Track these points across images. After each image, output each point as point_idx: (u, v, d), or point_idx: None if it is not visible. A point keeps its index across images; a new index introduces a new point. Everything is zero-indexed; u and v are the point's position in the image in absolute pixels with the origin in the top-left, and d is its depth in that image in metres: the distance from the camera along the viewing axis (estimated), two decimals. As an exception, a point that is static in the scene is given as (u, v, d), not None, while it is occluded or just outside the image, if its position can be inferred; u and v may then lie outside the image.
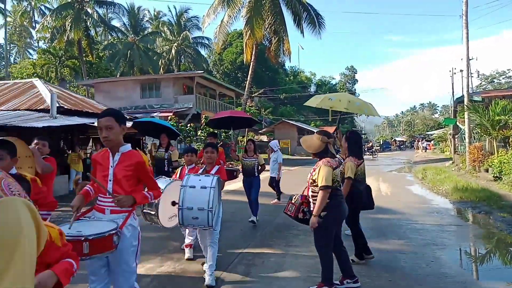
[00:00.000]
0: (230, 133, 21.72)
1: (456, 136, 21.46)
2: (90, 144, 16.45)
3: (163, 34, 49.20)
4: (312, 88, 68.50)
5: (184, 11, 48.53)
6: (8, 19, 54.43)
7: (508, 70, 52.85)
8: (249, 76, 24.87)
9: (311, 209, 3.63)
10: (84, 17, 32.42)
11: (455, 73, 23.74)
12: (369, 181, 14.17)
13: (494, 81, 54.32)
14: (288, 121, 43.61)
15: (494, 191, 9.41)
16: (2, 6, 49.71)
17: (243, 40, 27.22)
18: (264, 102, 56.39)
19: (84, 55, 35.41)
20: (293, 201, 3.95)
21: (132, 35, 45.17)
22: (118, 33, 45.60)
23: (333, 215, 3.57)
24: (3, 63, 50.75)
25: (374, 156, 32.87)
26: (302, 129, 42.66)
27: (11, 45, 58.99)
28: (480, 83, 53.15)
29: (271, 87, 54.46)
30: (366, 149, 34.95)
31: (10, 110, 12.50)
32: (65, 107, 12.57)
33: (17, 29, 56.73)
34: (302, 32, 24.24)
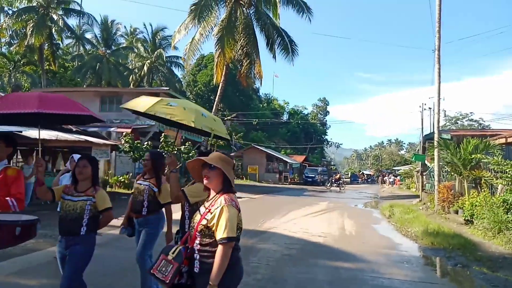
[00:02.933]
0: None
1: (424, 173, 20.99)
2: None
3: (136, 50, 48.01)
4: (285, 116, 68.47)
5: (160, 30, 47.91)
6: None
7: (471, 113, 54.88)
8: (217, 97, 23.84)
9: (195, 269, 2.29)
10: (49, 24, 30.63)
11: (424, 109, 23.68)
12: (333, 216, 13.18)
13: (458, 123, 56.25)
14: (257, 146, 42.64)
15: (468, 238, 8.47)
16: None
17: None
18: (236, 126, 55.51)
19: (47, 63, 33.37)
20: (169, 256, 2.33)
21: (103, 48, 43.61)
22: (88, 45, 43.98)
23: (227, 281, 2.24)
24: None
25: (341, 188, 32.10)
26: (271, 156, 41.77)
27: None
28: (445, 124, 54.82)
29: (243, 112, 53.73)
30: (333, 180, 34.21)
31: None
32: (-7, 112, 10.88)
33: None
34: (274, 56, 23.65)
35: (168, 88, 27.40)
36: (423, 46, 35.08)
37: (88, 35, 45.62)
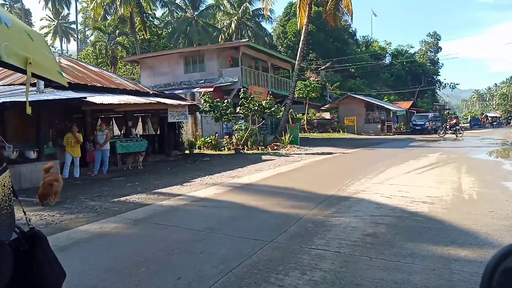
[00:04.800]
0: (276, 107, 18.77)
1: None
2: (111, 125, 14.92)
3: (223, 8, 47.31)
4: (387, 59, 61.43)
5: (244, -18, 45.99)
6: (84, 4, 57.23)
7: None
8: (301, 41, 21.44)
9: None
10: (135, -9, 31.38)
11: None
12: (446, 171, 10.32)
13: None
14: (355, 95, 38.90)
15: None
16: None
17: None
18: (331, 76, 51.79)
19: (142, 33, 34.77)
20: None
21: (191, 11, 43.95)
22: (177, 9, 44.84)
23: None
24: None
25: (458, 135, 27.35)
26: (371, 105, 37.80)
27: (86, 28, 62.20)
28: None
29: (339, 58, 49.44)
30: (448, 126, 29.42)
31: (6, 85, 11.18)
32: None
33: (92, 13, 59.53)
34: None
35: (247, 40, 25.82)
36: None
37: (178, 1, 46.39)
